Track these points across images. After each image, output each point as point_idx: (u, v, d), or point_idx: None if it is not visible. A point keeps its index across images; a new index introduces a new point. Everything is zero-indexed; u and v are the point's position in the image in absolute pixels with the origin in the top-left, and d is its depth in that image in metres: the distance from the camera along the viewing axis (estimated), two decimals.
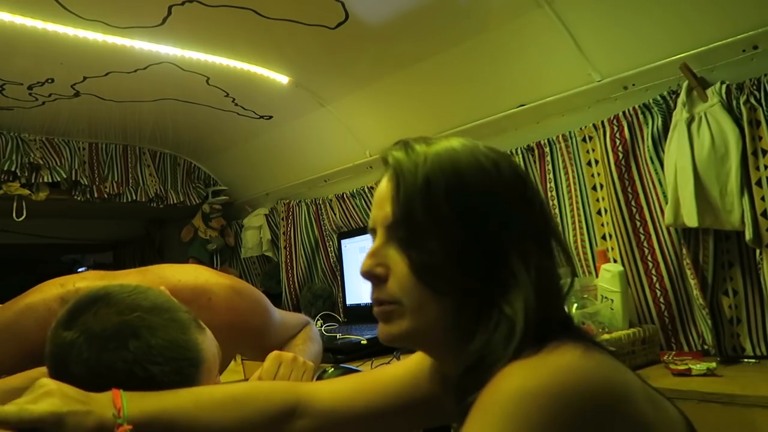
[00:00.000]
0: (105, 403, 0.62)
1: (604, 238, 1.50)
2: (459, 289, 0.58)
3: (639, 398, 0.51)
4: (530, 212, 0.61)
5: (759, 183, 1.17)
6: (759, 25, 1.19)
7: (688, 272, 1.31)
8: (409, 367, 0.78)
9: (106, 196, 2.46)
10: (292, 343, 1.21)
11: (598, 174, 1.50)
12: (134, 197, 2.55)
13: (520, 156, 1.67)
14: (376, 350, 1.56)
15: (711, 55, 1.26)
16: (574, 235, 1.55)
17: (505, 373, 0.49)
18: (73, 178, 2.36)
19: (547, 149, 1.61)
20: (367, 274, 0.63)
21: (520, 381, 0.48)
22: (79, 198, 2.38)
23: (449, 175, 0.59)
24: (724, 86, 1.23)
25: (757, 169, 1.18)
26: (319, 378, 1.19)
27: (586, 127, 1.52)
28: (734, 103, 1.22)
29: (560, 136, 1.58)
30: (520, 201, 0.61)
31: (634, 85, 1.42)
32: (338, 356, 1.59)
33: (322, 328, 1.95)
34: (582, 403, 0.46)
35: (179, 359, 0.70)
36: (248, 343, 1.19)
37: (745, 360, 1.26)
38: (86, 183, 2.39)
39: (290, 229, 2.55)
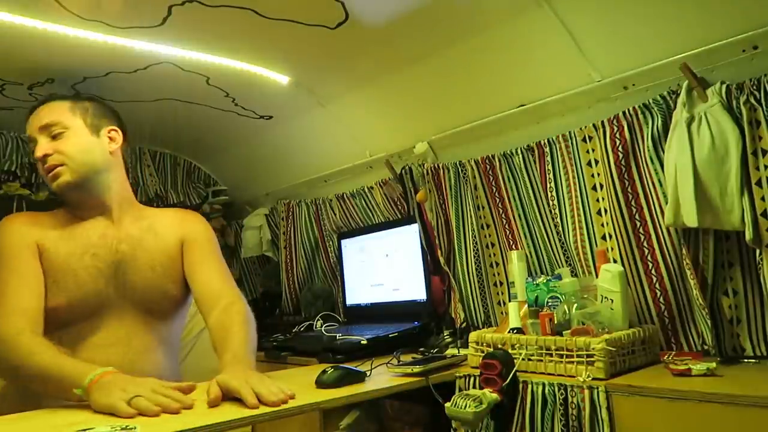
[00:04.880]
0: None
1: (604, 238, 1.50)
2: None
3: None
4: None
5: (759, 183, 1.17)
6: (759, 25, 1.19)
7: (688, 272, 1.31)
8: None
9: None
10: (230, 327, 1.26)
11: (598, 174, 1.50)
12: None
13: (520, 156, 1.67)
14: (376, 350, 1.56)
15: (711, 55, 1.26)
16: (574, 235, 1.55)
17: None
18: None
19: (547, 149, 1.61)
20: None
21: None
22: None
23: None
24: (724, 86, 1.23)
25: (757, 169, 1.18)
26: (320, 377, 1.19)
27: (586, 127, 1.52)
28: (734, 103, 1.22)
29: (560, 136, 1.58)
30: None
31: (634, 85, 1.42)
32: (338, 356, 1.59)
33: (322, 328, 1.95)
34: None
35: None
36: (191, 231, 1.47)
37: (745, 360, 1.26)
38: None
39: (290, 229, 2.55)
